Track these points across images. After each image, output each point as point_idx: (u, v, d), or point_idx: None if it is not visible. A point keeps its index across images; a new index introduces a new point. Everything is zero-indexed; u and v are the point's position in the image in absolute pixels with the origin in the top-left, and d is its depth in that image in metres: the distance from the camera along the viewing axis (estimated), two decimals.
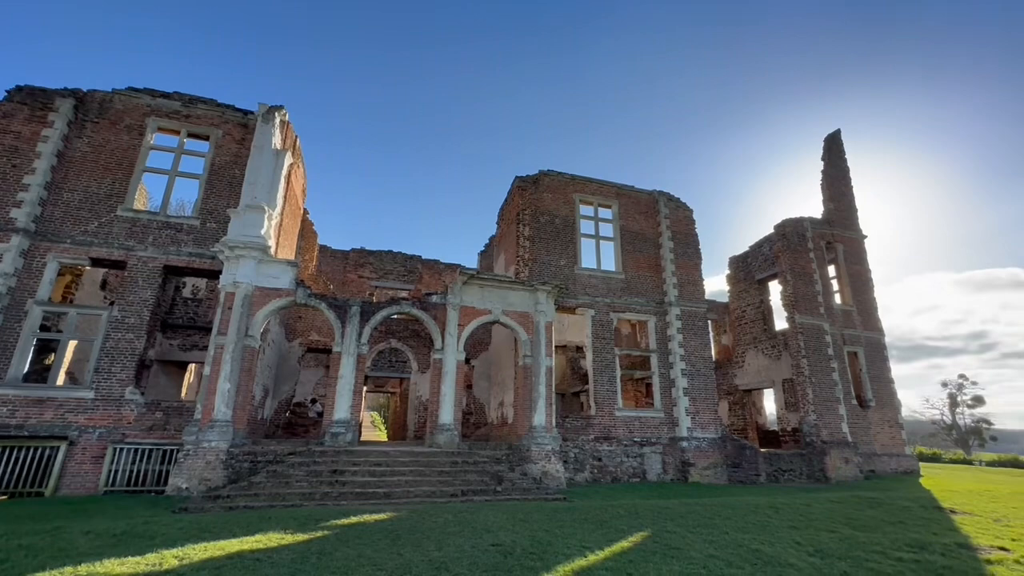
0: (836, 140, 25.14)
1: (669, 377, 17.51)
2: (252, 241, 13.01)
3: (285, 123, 15.42)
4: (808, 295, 20.36)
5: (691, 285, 18.76)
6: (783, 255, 20.93)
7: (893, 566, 6.28)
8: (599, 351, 17.11)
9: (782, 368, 21.52)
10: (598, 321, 17.46)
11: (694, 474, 15.97)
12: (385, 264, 24.29)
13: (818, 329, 19.93)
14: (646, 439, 16.52)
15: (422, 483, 11.36)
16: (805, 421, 18.59)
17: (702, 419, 16.86)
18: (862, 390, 21.04)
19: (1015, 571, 6.30)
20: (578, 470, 15.37)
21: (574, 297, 17.43)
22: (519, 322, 15.38)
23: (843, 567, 6.16)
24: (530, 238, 17.57)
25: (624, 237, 19.04)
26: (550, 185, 18.68)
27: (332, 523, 7.73)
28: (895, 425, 21.20)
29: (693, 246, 19.50)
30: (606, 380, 16.84)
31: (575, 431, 15.86)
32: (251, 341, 12.71)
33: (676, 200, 19.88)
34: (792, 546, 7.10)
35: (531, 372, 14.91)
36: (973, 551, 7.23)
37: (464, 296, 14.96)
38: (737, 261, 25.48)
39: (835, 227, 23.16)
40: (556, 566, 5.78)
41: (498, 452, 13.86)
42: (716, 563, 6.16)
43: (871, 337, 22.05)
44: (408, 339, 21.47)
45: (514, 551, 6.32)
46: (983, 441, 50.21)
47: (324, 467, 11.43)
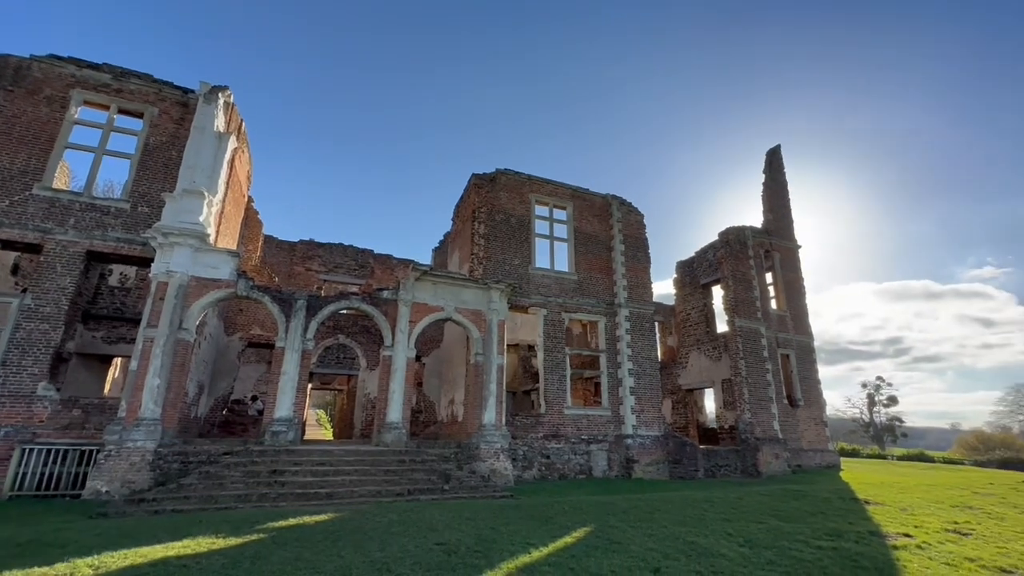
0: (776, 155, 26.69)
1: (617, 376, 18.00)
2: (189, 228, 12.24)
3: (230, 105, 14.61)
4: (747, 300, 21.51)
5: (640, 288, 19.35)
6: (726, 261, 22.00)
7: (813, 553, 6.74)
8: (550, 350, 17.34)
9: (722, 369, 22.62)
10: (550, 321, 17.69)
11: (638, 470, 16.50)
12: (335, 257, 23.52)
13: (755, 332, 21.09)
14: (593, 437, 16.90)
15: (367, 483, 11.10)
16: (741, 419, 19.64)
17: (647, 417, 17.45)
18: (792, 390, 22.47)
19: (916, 555, 6.93)
20: (526, 468, 15.51)
21: (527, 296, 17.57)
22: (472, 320, 15.33)
23: (769, 556, 6.55)
24: (485, 236, 17.55)
25: (578, 239, 19.39)
26: (507, 184, 18.73)
27: (269, 525, 7.41)
28: (820, 423, 22.79)
29: (643, 250, 20.12)
30: (556, 379, 17.09)
31: (525, 429, 15.99)
32: (185, 334, 11.96)
33: (628, 205, 20.44)
34: (724, 537, 7.48)
35: (482, 370, 14.90)
36: (882, 538, 7.88)
37: (416, 292, 14.75)
38: (684, 266, 26.54)
39: (773, 237, 24.58)
40: (500, 563, 5.80)
41: (447, 450, 13.76)
42: (654, 555, 6.39)
43: (802, 341, 23.59)
44: (357, 335, 20.91)
45: (459, 549, 6.29)
46: (895, 437, 54.90)
47: (263, 467, 10.93)
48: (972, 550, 7.32)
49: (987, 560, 6.79)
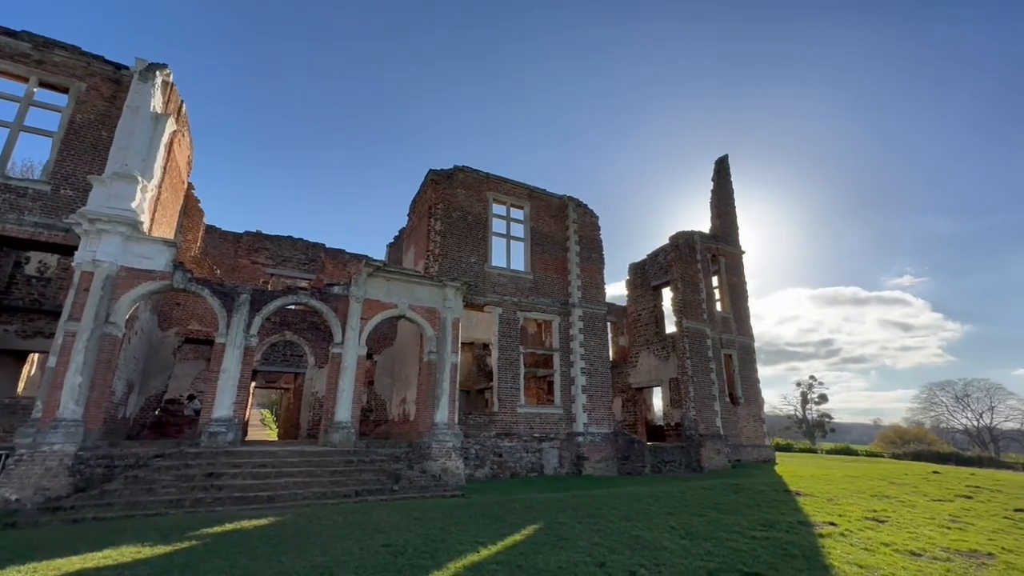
0: (724, 164, 27.94)
1: (570, 375, 18.27)
2: (119, 214, 11.37)
3: (169, 85, 13.69)
4: (694, 302, 22.39)
5: (594, 288, 19.73)
6: (675, 265, 22.81)
7: (748, 543, 7.10)
8: (505, 349, 17.37)
9: (669, 368, 23.44)
10: (505, 319, 17.72)
11: (588, 467, 16.82)
12: (283, 251, 22.56)
13: (701, 333, 21.99)
14: (545, 435, 17.08)
15: (312, 484, 10.72)
16: (686, 417, 20.43)
17: (597, 415, 17.81)
18: (734, 389, 23.60)
19: (839, 542, 7.44)
20: (478, 466, 15.47)
21: (483, 295, 17.52)
22: (426, 318, 15.12)
23: (708, 547, 6.84)
24: (441, 233, 17.35)
25: (534, 238, 19.52)
26: (464, 181, 18.59)
27: (203, 532, 7.00)
28: (759, 420, 24.07)
29: (597, 251, 20.52)
30: (510, 377, 17.14)
31: (477, 428, 15.94)
32: (112, 329, 11.11)
33: (584, 206, 20.79)
34: (667, 531, 7.74)
35: (436, 368, 14.73)
36: (810, 527, 8.41)
37: (369, 288, 14.38)
38: (636, 268, 27.29)
39: (720, 242, 25.71)
40: (447, 563, 5.75)
41: (397, 450, 13.51)
42: (600, 550, 6.53)
43: (744, 342, 24.82)
44: (305, 332, 20.17)
45: (406, 550, 6.18)
46: (825, 433, 58.81)
47: (198, 470, 10.33)
48: (887, 536, 7.94)
49: (900, 544, 7.38)
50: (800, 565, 6.17)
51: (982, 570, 6.33)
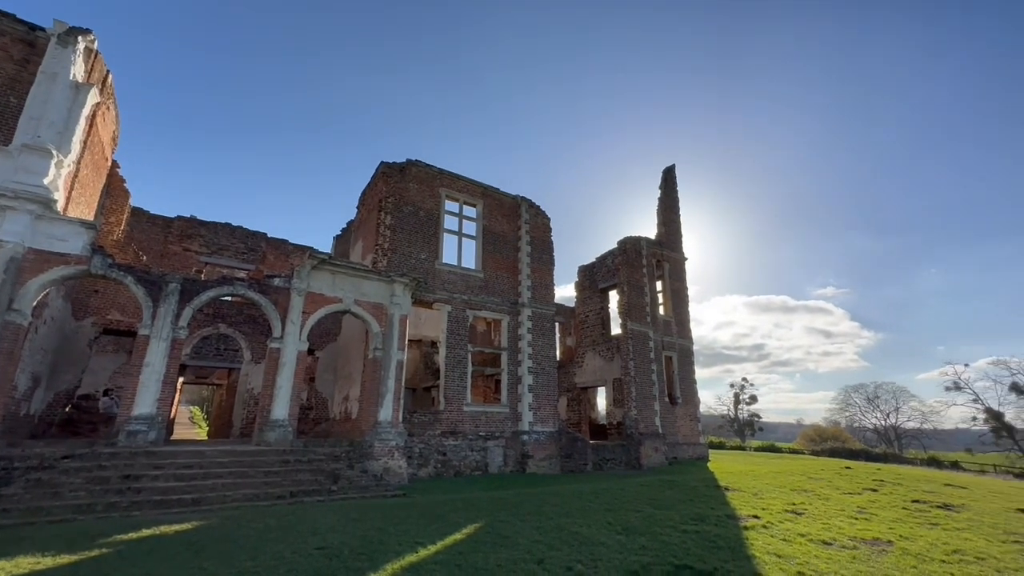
0: (671, 173, 29.09)
1: (517, 374, 18.39)
2: (28, 190, 10.30)
3: (92, 52, 12.54)
4: (639, 305, 23.17)
5: (543, 289, 19.97)
6: (622, 268, 23.50)
7: (679, 537, 7.42)
8: (453, 347, 17.24)
9: (614, 368, 24.12)
10: (454, 317, 17.58)
11: (532, 465, 17.01)
12: (220, 238, 21.25)
13: (644, 335, 22.79)
14: (491, 433, 17.11)
15: (243, 486, 10.17)
16: (628, 416, 21.10)
17: (543, 414, 18.05)
18: (673, 389, 24.64)
19: (761, 533, 7.93)
20: (422, 465, 15.27)
21: (432, 292, 17.30)
22: (372, 313, 14.73)
23: (643, 541, 7.09)
24: (391, 227, 16.96)
25: (486, 237, 19.49)
26: (417, 176, 18.27)
27: (116, 539, 6.48)
28: (695, 419, 25.26)
29: (548, 252, 20.79)
30: (457, 376, 17.03)
31: (422, 426, 15.73)
32: (16, 316, 10.04)
33: (537, 207, 20.99)
34: (605, 526, 7.96)
35: (381, 366, 14.39)
36: (736, 520, 8.91)
37: (312, 281, 13.83)
38: (585, 270, 27.89)
39: (664, 248, 26.75)
40: (385, 564, 5.63)
41: (337, 449, 13.08)
42: (540, 547, 6.61)
43: (684, 344, 25.95)
44: (242, 325, 19.12)
45: (341, 553, 5.99)
46: (754, 431, 62.63)
47: (113, 472, 9.54)
48: (804, 527, 8.55)
49: (814, 535, 7.97)
50: (726, 556, 6.52)
51: (882, 556, 6.95)
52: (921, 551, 7.23)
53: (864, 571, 6.20)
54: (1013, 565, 6.76)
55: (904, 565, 6.51)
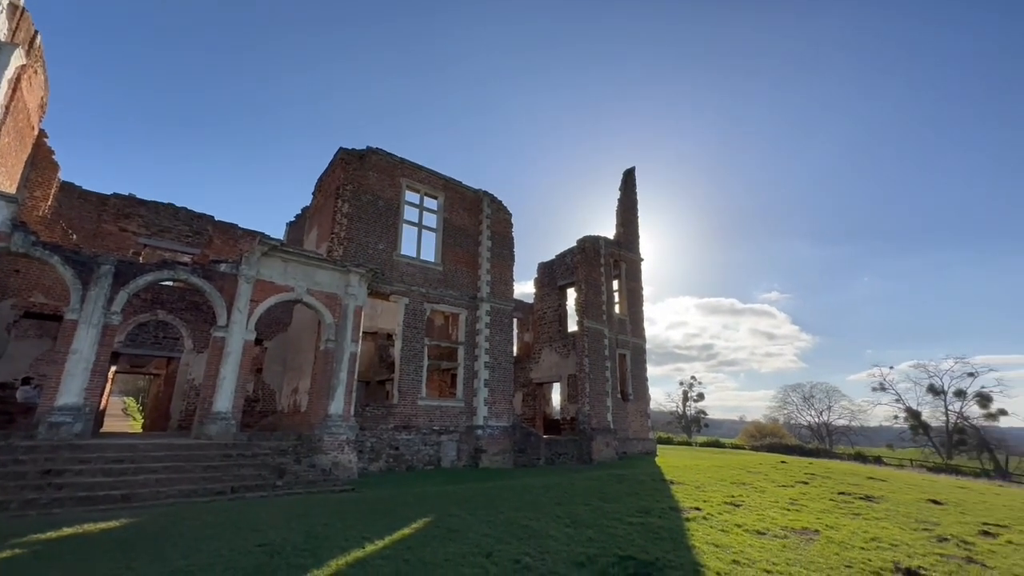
0: (631, 175, 29.74)
1: (473, 369, 18.37)
2: None
3: (18, 9, 11.47)
4: (596, 303, 23.62)
5: (503, 284, 20.00)
6: (581, 267, 23.87)
7: (625, 529, 7.65)
8: (409, 340, 17.00)
9: (569, 365, 24.51)
10: (411, 310, 17.33)
11: (485, 460, 17.05)
12: (162, 219, 19.99)
13: (600, 333, 23.27)
14: (445, 428, 17.02)
15: (180, 481, 9.66)
16: (581, 411, 21.52)
17: (498, 409, 18.12)
18: (626, 386, 25.31)
19: (701, 524, 8.29)
20: (373, 459, 15.01)
21: (389, 284, 16.97)
22: (326, 304, 14.31)
23: (590, 534, 7.26)
24: (349, 216, 16.49)
25: (447, 230, 19.30)
26: (377, 164, 17.84)
27: (32, 538, 6.01)
28: (645, 415, 26.06)
29: (508, 248, 20.83)
30: (413, 369, 16.82)
31: (375, 420, 15.45)
32: None
33: (499, 202, 20.97)
34: (554, 520, 8.09)
35: (333, 357, 14.01)
36: (679, 512, 9.27)
37: (263, 269, 13.27)
38: (544, 267, 28.13)
39: (622, 248, 27.37)
40: (329, 560, 5.49)
41: (284, 443, 12.65)
42: (489, 540, 6.64)
43: (637, 343, 26.69)
44: (184, 312, 18.10)
45: (283, 550, 5.80)
46: (700, 427, 65.42)
47: (32, 467, 8.84)
48: (741, 518, 9.00)
49: (749, 525, 8.41)
50: (668, 547, 6.77)
51: (809, 544, 7.42)
52: (844, 539, 7.77)
53: (792, 558, 6.60)
54: (922, 550, 7.39)
55: (828, 552, 6.98)
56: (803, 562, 6.47)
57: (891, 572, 6.27)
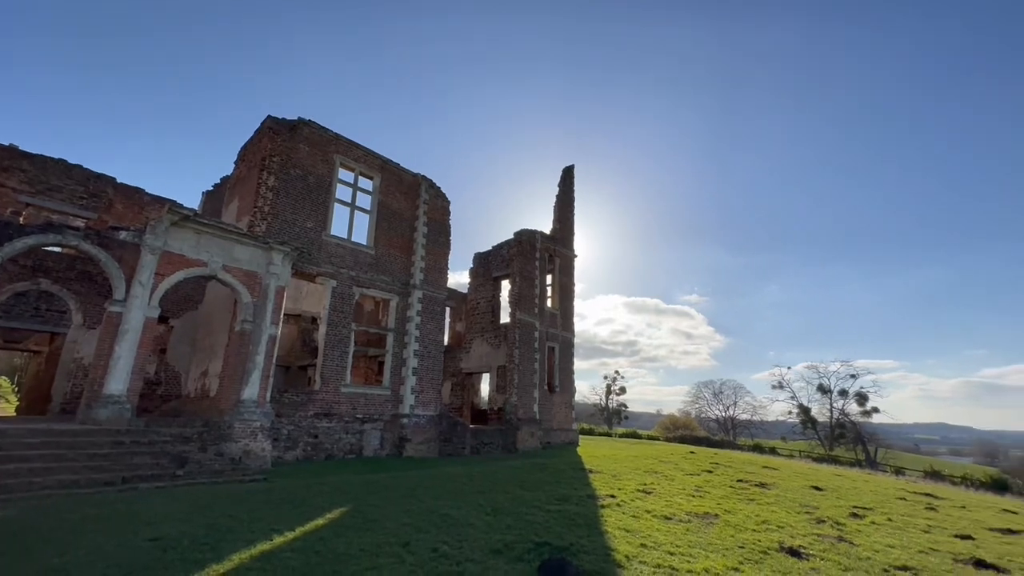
0: (570, 173, 30.34)
1: (402, 357, 17.99)
2: None
3: None
4: (529, 296, 23.96)
5: (437, 272, 19.71)
6: (516, 259, 24.08)
7: (544, 516, 7.86)
8: (335, 324, 16.30)
9: (499, 356, 24.72)
10: (339, 293, 16.61)
11: (409, 449, 16.81)
12: (50, 176, 17.58)
13: (531, 326, 23.65)
14: (369, 416, 16.56)
15: (59, 470, 8.64)
16: (508, 402, 21.80)
17: (425, 398, 17.90)
18: (553, 378, 25.96)
19: (615, 511, 8.71)
20: (289, 448, 14.29)
21: (317, 264, 16.14)
22: (244, 282, 13.35)
23: (509, 521, 7.38)
24: (274, 189, 15.45)
25: (381, 213, 18.65)
26: (310, 137, 16.83)
27: None
28: (570, 407, 26.90)
29: (445, 235, 20.53)
30: (338, 355, 16.16)
31: (293, 407, 14.70)
32: None
33: (437, 188, 20.58)
34: (475, 508, 8.15)
35: (250, 340, 13.13)
36: (595, 499, 9.68)
37: (172, 239, 12.11)
38: (480, 258, 28.08)
39: (557, 244, 27.91)
40: (231, 554, 5.16)
41: (188, 429, 11.70)
42: (407, 530, 6.56)
43: (566, 337, 27.43)
44: (73, 283, 16.14)
45: (179, 544, 5.38)
46: (621, 419, 68.74)
47: None
48: (651, 504, 9.57)
49: (658, 511, 8.96)
50: (582, 533, 7.05)
51: (709, 527, 8.03)
52: (739, 522, 8.50)
53: (693, 541, 7.11)
54: (803, 531, 8.25)
55: (724, 535, 7.60)
56: (702, 544, 6.99)
57: (776, 551, 6.93)
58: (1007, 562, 7.28)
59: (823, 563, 6.54)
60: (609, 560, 5.93)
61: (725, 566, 6.03)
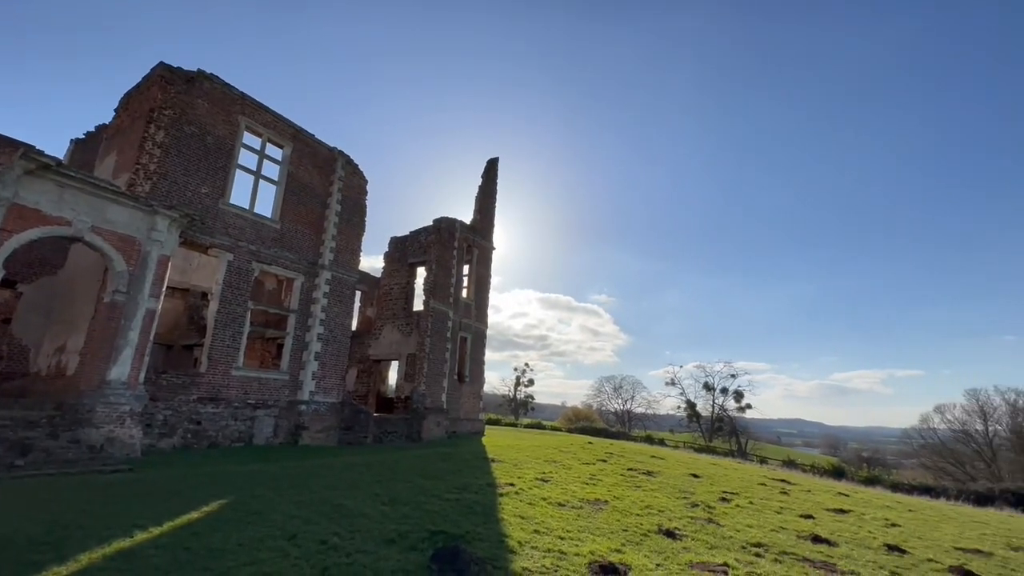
0: (494, 166, 30.40)
1: (304, 340, 16.96)
2: None
3: None
4: (445, 285, 23.71)
5: (349, 253, 18.80)
6: (434, 247, 23.70)
7: (441, 505, 7.85)
8: (229, 302, 14.94)
9: (410, 344, 24.22)
10: (236, 268, 15.24)
11: (306, 437, 15.95)
12: None
13: (445, 315, 23.45)
14: (263, 402, 15.45)
15: None
16: (416, 391, 21.48)
17: (327, 384, 17.06)
18: (463, 368, 26.00)
19: (513, 498, 8.93)
20: (165, 435, 12.91)
21: (211, 235, 14.66)
22: (119, 247, 11.76)
23: (406, 511, 7.27)
24: (164, 147, 13.74)
25: (291, 185, 17.35)
26: (211, 93, 15.16)
27: None
28: (478, 397, 27.13)
29: (360, 215, 19.61)
30: (230, 335, 14.85)
31: (173, 390, 13.28)
32: None
33: (355, 165, 19.58)
34: (371, 498, 7.93)
35: (122, 313, 11.61)
36: (495, 488, 9.86)
37: (25, 191, 10.32)
38: (397, 242, 27.26)
39: (477, 234, 27.88)
40: (80, 554, 4.55)
41: (35, 413, 10.13)
42: (295, 522, 6.21)
43: (479, 328, 27.57)
44: None
45: (11, 544, 4.63)
46: (528, 410, 70.78)
47: None
48: (547, 492, 9.94)
49: (553, 498, 9.33)
50: (479, 520, 7.13)
51: (599, 512, 8.52)
52: (625, 507, 9.11)
53: (583, 525, 7.50)
54: (679, 514, 9.05)
55: (611, 519, 8.10)
56: (591, 528, 7.40)
57: (655, 533, 7.53)
58: (836, 536, 8.55)
59: (693, 542, 7.22)
60: (503, 546, 6.07)
61: (609, 548, 6.43)
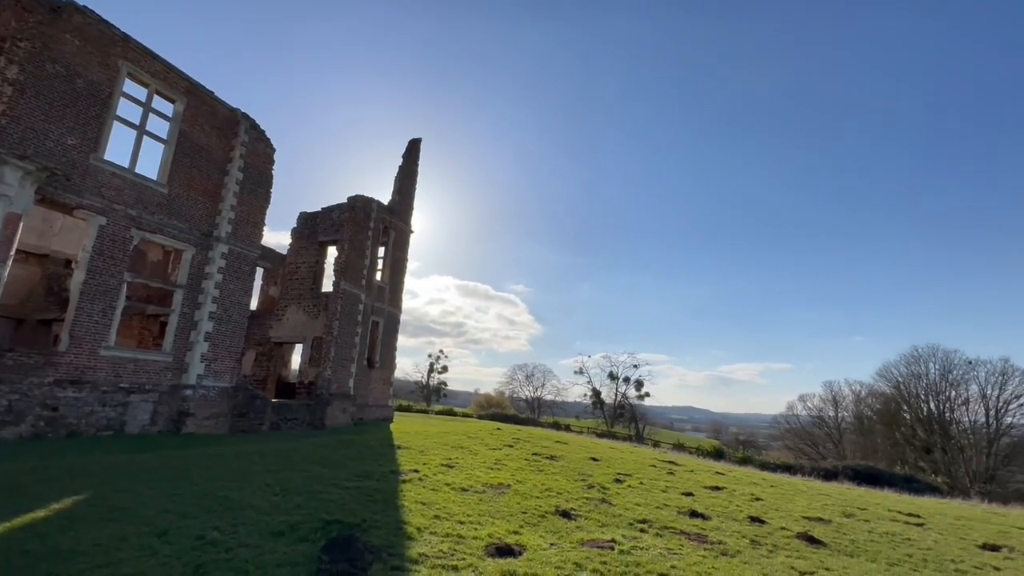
0: (416, 146, 29.53)
1: (193, 319, 15.40)
2: None
3: None
4: (357, 266, 22.72)
5: (250, 226, 17.28)
6: (348, 225, 22.57)
7: (339, 494, 7.58)
8: (99, 273, 13.12)
9: (317, 326, 22.97)
10: (110, 234, 13.39)
11: (191, 424, 14.57)
12: None
13: (356, 297, 22.50)
14: (139, 386, 13.83)
15: None
16: (321, 376, 20.47)
17: (218, 367, 15.67)
18: (374, 354, 25.20)
19: (416, 485, 8.86)
20: (10, 423, 11.10)
21: (79, 194, 12.72)
22: None
23: (299, 501, 6.93)
24: (18, 85, 11.61)
25: (183, 146, 15.50)
26: (83, 29, 13.05)
27: None
28: (388, 383, 26.48)
29: (265, 186, 18.07)
30: (100, 310, 13.07)
31: (22, 371, 11.44)
32: None
33: (261, 131, 17.95)
34: (262, 488, 7.45)
35: None
36: (398, 475, 9.72)
37: None
38: (306, 219, 25.58)
39: (394, 216, 26.99)
40: None
41: None
42: (167, 517, 5.68)
43: (393, 312, 26.83)
44: None
45: None
46: (440, 397, 70.49)
47: None
48: (452, 478, 9.98)
49: (457, 484, 9.40)
50: (378, 508, 6.99)
51: (500, 496, 8.73)
52: (527, 491, 9.42)
53: (484, 510, 7.64)
54: (576, 496, 9.54)
55: (512, 503, 8.34)
56: (492, 512, 7.56)
57: (552, 514, 7.87)
58: (710, 511, 9.52)
59: (586, 521, 7.65)
60: (401, 533, 6.00)
61: (507, 530, 6.62)
